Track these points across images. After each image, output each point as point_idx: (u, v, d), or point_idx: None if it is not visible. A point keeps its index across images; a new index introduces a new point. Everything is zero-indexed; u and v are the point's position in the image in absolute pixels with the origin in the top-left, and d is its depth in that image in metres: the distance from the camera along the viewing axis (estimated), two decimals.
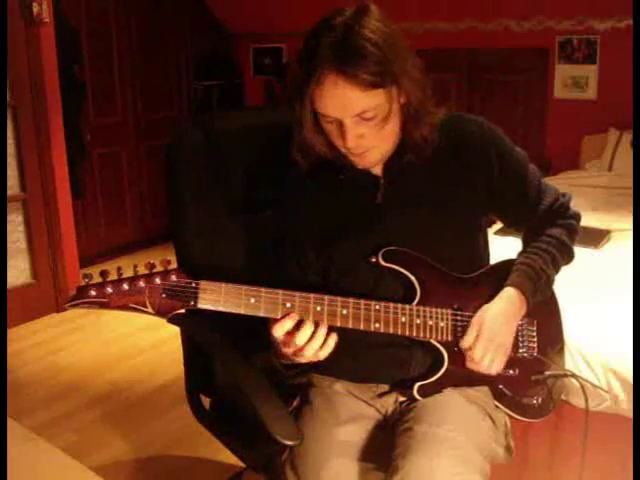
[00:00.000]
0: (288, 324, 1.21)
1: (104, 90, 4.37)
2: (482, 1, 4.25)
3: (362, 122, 1.22)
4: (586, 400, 1.47)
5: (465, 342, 1.32)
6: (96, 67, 4.30)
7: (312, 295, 1.24)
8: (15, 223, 3.52)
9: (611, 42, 3.91)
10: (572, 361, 1.78)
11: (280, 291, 1.22)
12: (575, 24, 4.03)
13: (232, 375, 1.40)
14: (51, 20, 3.42)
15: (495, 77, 4.34)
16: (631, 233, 2.37)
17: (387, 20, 1.22)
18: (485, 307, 1.35)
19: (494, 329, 1.32)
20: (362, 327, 1.26)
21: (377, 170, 1.35)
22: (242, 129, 1.62)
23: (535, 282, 1.38)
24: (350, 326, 1.26)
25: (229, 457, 2.07)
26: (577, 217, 1.51)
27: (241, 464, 1.71)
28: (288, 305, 1.22)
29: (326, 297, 1.24)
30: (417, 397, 1.35)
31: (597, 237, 2.56)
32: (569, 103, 4.15)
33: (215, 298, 1.19)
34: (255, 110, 2.61)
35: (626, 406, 1.76)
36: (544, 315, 1.47)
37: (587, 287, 2.06)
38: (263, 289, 1.22)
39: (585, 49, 4.03)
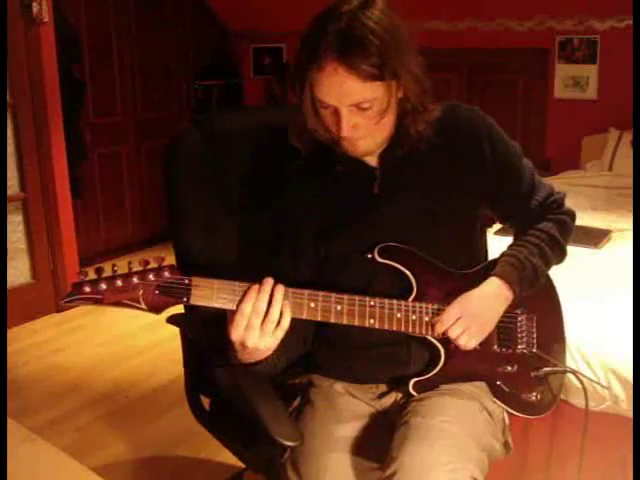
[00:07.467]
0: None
1: (104, 90, 4.37)
2: (482, 1, 4.25)
3: (358, 112, 1.21)
4: (586, 397, 1.47)
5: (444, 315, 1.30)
6: (96, 67, 4.29)
7: (306, 291, 1.23)
8: (15, 223, 3.52)
9: (611, 42, 3.92)
10: (572, 361, 1.78)
11: None
12: (575, 24, 4.04)
13: (231, 375, 1.40)
14: (51, 20, 3.42)
15: (495, 77, 4.34)
16: (631, 233, 2.37)
17: (392, 13, 1.22)
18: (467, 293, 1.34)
19: (469, 303, 1.31)
20: (357, 323, 1.26)
21: (373, 161, 1.36)
22: (242, 129, 1.62)
23: (520, 271, 1.36)
24: (344, 322, 1.25)
25: (229, 457, 2.06)
26: (571, 214, 1.49)
27: (241, 464, 1.71)
28: None
29: (320, 293, 1.24)
30: (413, 393, 1.35)
31: (597, 237, 2.56)
32: (569, 103, 4.15)
33: (208, 294, 1.18)
34: (255, 110, 2.60)
35: (626, 406, 1.76)
36: (544, 311, 1.47)
37: (587, 287, 2.06)
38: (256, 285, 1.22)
39: (585, 49, 4.04)
